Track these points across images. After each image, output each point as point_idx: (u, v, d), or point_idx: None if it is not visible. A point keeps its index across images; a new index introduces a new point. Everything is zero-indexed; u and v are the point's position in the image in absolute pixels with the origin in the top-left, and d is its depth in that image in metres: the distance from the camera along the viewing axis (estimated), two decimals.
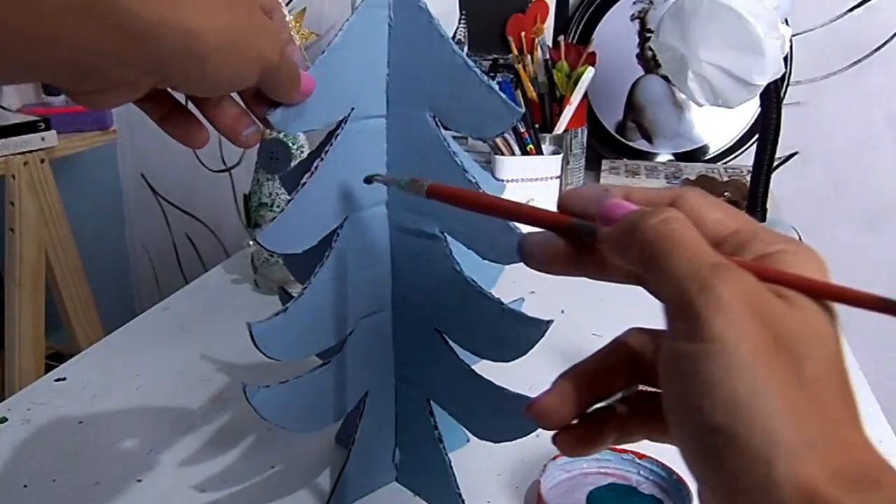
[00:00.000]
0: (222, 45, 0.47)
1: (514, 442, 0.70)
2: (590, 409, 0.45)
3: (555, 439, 0.45)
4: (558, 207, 0.45)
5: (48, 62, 0.40)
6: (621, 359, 0.46)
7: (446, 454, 0.76)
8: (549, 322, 0.65)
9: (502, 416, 0.70)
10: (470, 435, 0.77)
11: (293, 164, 1.18)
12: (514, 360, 0.68)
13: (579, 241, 0.44)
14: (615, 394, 0.46)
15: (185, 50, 0.44)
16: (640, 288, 0.42)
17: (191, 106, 0.57)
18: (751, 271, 0.37)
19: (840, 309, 0.38)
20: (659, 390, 0.41)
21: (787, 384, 0.34)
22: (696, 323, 0.35)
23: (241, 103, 0.58)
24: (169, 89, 0.53)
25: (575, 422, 0.45)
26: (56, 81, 0.43)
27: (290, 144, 1.21)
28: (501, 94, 0.62)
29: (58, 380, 1.04)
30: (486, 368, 0.71)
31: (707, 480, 0.36)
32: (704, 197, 0.42)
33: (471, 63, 0.63)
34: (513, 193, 1.46)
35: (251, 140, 0.58)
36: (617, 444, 0.46)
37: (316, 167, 0.66)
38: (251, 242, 1.32)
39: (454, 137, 0.67)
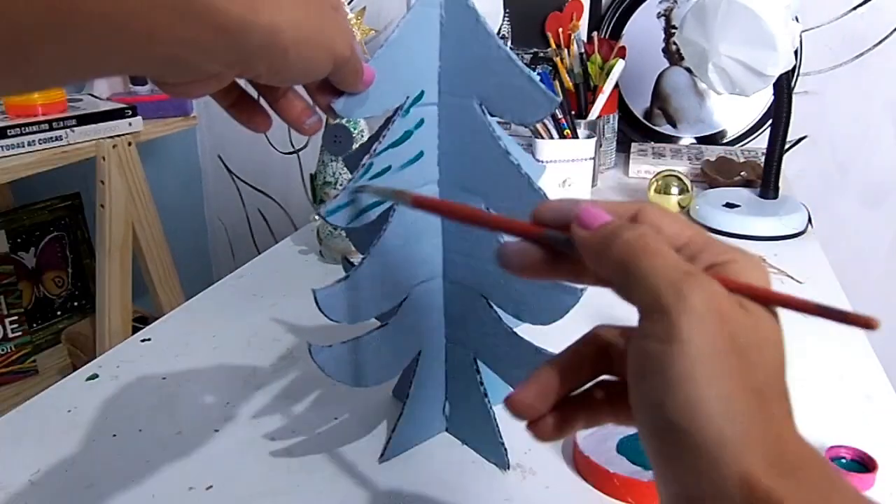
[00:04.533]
0: (301, 40, 0.46)
1: None
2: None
3: (529, 427, 0.45)
4: (532, 220, 0.45)
5: (147, 57, 0.40)
6: (593, 350, 0.46)
7: (490, 407, 0.76)
8: (583, 289, 0.64)
9: None
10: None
11: (354, 146, 1.18)
12: (551, 323, 0.68)
13: (553, 250, 0.44)
14: (585, 384, 0.46)
15: (268, 44, 0.44)
16: None
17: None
18: (717, 281, 0.38)
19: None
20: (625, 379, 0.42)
21: (740, 389, 0.35)
22: (666, 325, 0.36)
23: (306, 94, 0.58)
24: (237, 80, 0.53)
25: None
26: (152, 74, 0.43)
27: (352, 129, 1.20)
28: (541, 84, 0.62)
29: (143, 340, 1.05)
30: (527, 330, 0.71)
31: (663, 471, 0.37)
32: (662, 211, 0.42)
33: (514, 56, 0.62)
34: (551, 173, 1.44)
35: (313, 128, 0.58)
36: (585, 429, 0.46)
37: (375, 149, 0.66)
38: (316, 217, 1.32)
39: (499, 123, 0.67)
